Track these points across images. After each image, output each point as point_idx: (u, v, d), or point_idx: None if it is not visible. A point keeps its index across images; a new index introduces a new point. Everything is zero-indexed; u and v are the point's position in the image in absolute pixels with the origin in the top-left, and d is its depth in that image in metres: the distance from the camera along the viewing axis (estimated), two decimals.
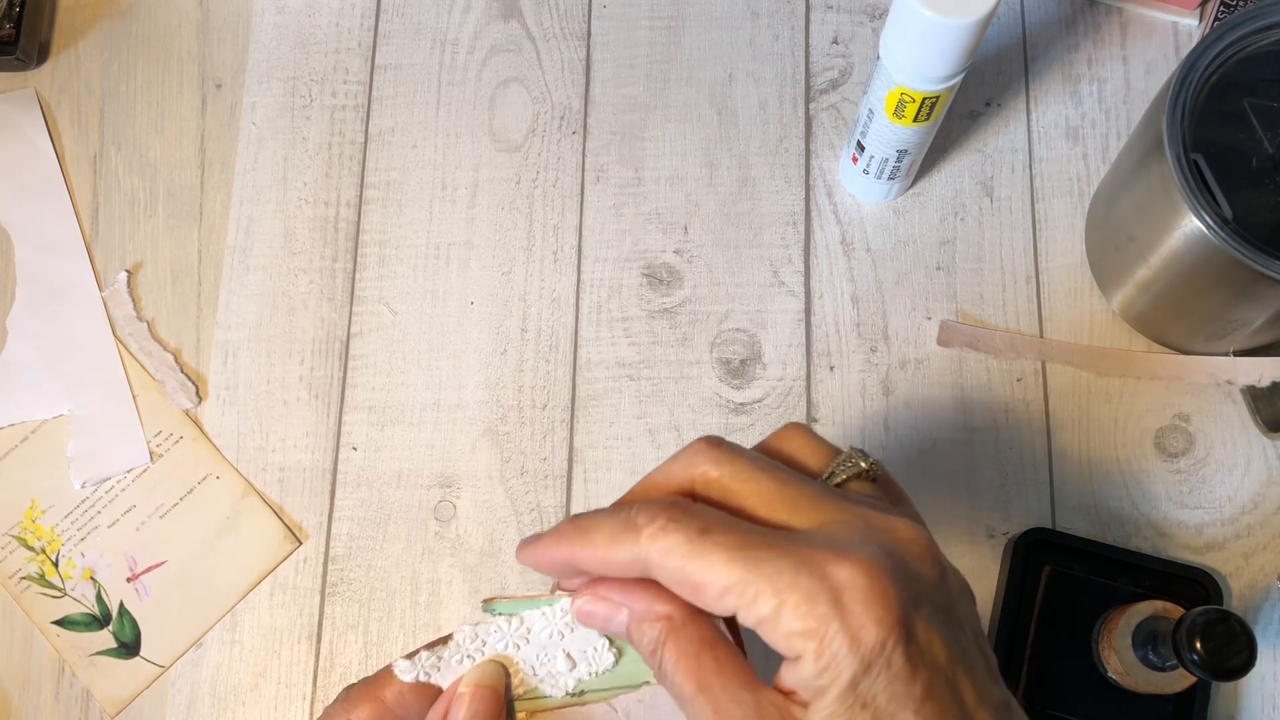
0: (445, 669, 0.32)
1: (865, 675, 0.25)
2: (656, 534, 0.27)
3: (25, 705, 0.50)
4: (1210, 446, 0.51)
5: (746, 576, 0.26)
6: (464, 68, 0.58)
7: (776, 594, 0.26)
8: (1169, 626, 0.41)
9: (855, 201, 0.55)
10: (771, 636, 0.26)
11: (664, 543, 0.27)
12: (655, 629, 0.29)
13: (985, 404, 0.52)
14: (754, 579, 0.26)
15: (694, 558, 0.27)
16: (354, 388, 0.54)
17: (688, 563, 0.27)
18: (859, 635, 0.25)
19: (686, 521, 0.27)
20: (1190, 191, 0.42)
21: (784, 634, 0.26)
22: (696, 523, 0.27)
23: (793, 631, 0.26)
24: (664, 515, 0.28)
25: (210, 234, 0.56)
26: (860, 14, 0.58)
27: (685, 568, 0.27)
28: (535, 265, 0.55)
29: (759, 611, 0.26)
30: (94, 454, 0.53)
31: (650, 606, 0.29)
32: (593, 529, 0.29)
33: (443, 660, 0.32)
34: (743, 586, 0.26)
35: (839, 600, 0.26)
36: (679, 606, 0.29)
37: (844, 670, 0.25)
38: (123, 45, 0.59)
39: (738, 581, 0.26)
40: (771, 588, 0.26)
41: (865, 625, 0.25)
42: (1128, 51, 0.57)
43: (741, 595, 0.26)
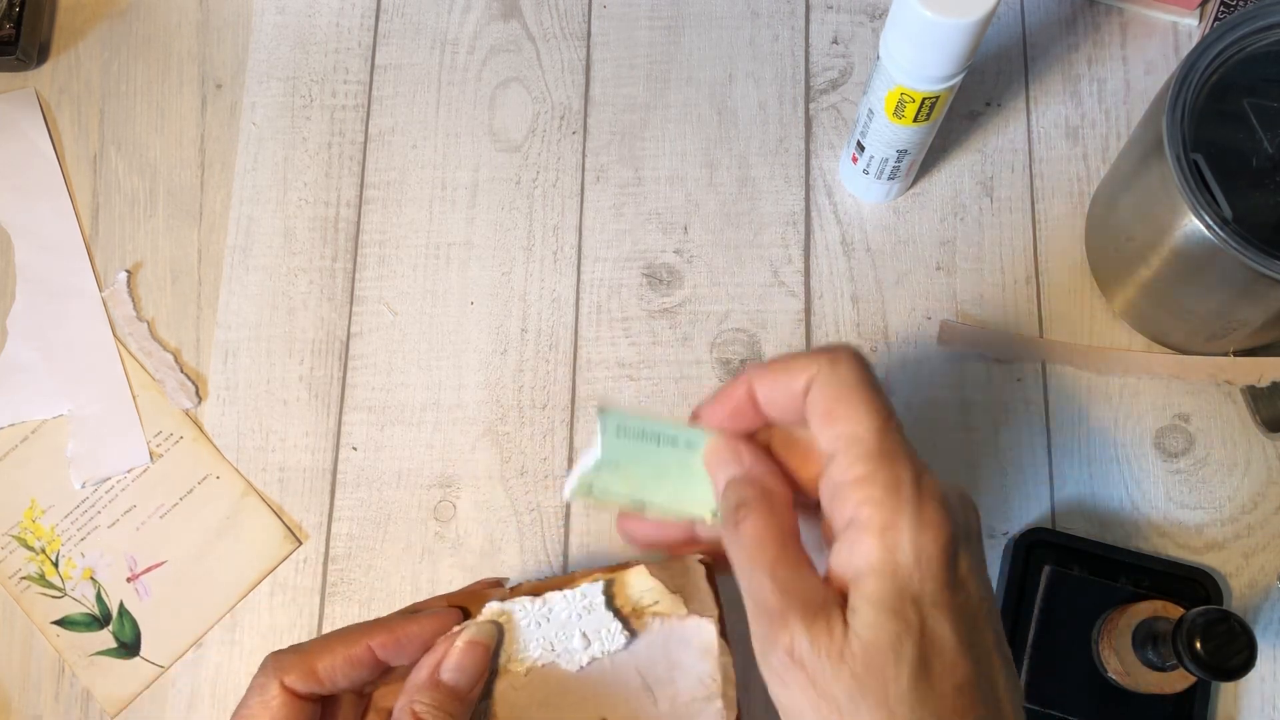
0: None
1: (915, 571, 0.28)
2: (839, 358, 0.30)
3: (25, 705, 0.50)
4: (1210, 446, 0.51)
5: (870, 435, 0.29)
6: (464, 68, 0.58)
7: (878, 461, 0.29)
8: (1169, 626, 0.41)
9: (855, 201, 0.55)
10: (848, 492, 0.29)
11: (844, 369, 0.30)
12: (753, 489, 0.31)
13: (985, 404, 0.52)
14: (874, 440, 0.29)
15: (856, 394, 0.30)
16: (354, 388, 0.54)
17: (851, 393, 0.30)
18: (921, 537, 0.28)
19: (862, 366, 0.31)
20: (1190, 191, 0.42)
21: (862, 496, 0.28)
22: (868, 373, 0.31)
23: (871, 498, 0.28)
24: (853, 350, 0.31)
25: (210, 234, 0.56)
26: (860, 14, 0.58)
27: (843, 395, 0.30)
28: (535, 265, 0.55)
29: (857, 468, 0.29)
30: (94, 454, 0.53)
31: (764, 477, 0.32)
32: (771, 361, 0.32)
33: None
34: (860, 438, 0.29)
35: (920, 503, 0.28)
36: (783, 492, 0.32)
37: (900, 556, 0.28)
38: (123, 45, 0.59)
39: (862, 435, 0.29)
40: (879, 456, 0.29)
41: (931, 533, 0.28)
42: (1128, 51, 0.57)
43: (854, 444, 0.29)
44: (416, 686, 0.33)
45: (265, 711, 0.33)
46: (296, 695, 0.33)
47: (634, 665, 0.34)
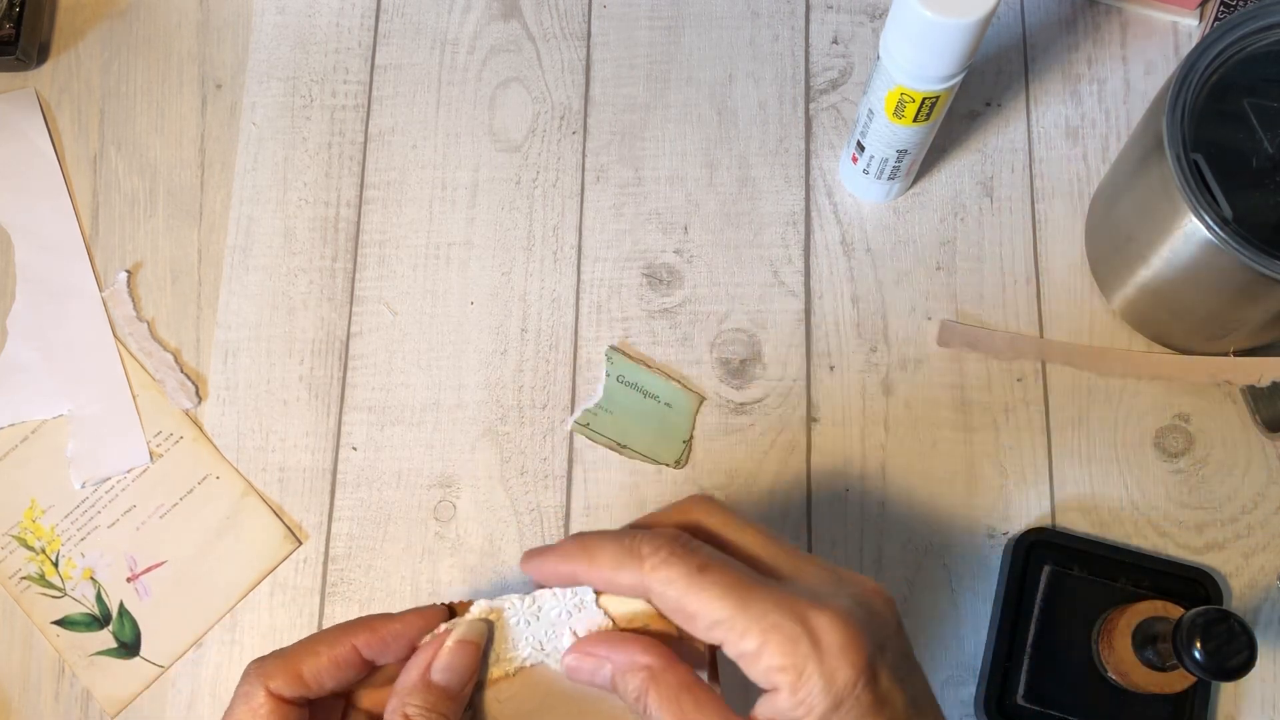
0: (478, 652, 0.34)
1: (836, 711, 0.29)
2: (659, 565, 0.30)
3: (25, 705, 0.50)
4: (1210, 446, 0.51)
5: (736, 614, 0.29)
6: (464, 68, 0.58)
7: (762, 633, 0.29)
8: (1169, 626, 0.41)
9: (855, 201, 0.55)
10: (753, 670, 0.30)
11: (665, 574, 0.30)
12: (638, 678, 0.31)
13: (985, 404, 0.52)
14: (743, 617, 0.29)
15: (691, 591, 0.30)
16: (354, 388, 0.54)
17: (685, 595, 0.30)
18: (834, 675, 0.29)
19: (687, 557, 0.30)
20: (1190, 191, 0.42)
21: (765, 668, 0.29)
22: (696, 559, 0.30)
23: (773, 666, 0.29)
24: (666, 548, 0.31)
25: (210, 234, 0.56)
26: (860, 14, 0.58)
27: (683, 599, 0.30)
28: (535, 265, 0.55)
29: (744, 646, 0.29)
30: (94, 454, 0.53)
31: (633, 659, 0.32)
32: (598, 550, 0.32)
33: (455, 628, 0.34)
34: (732, 622, 0.29)
35: (817, 643, 0.29)
36: (658, 657, 0.32)
37: (817, 704, 0.29)
38: (123, 45, 0.59)
39: (728, 617, 0.30)
40: (758, 627, 0.29)
41: (839, 667, 0.29)
42: (1128, 51, 0.57)
43: (730, 630, 0.30)
44: (407, 689, 0.33)
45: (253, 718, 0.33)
46: (283, 700, 0.33)
47: None
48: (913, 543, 0.51)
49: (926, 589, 0.50)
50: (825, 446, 0.52)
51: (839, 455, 0.52)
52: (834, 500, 0.51)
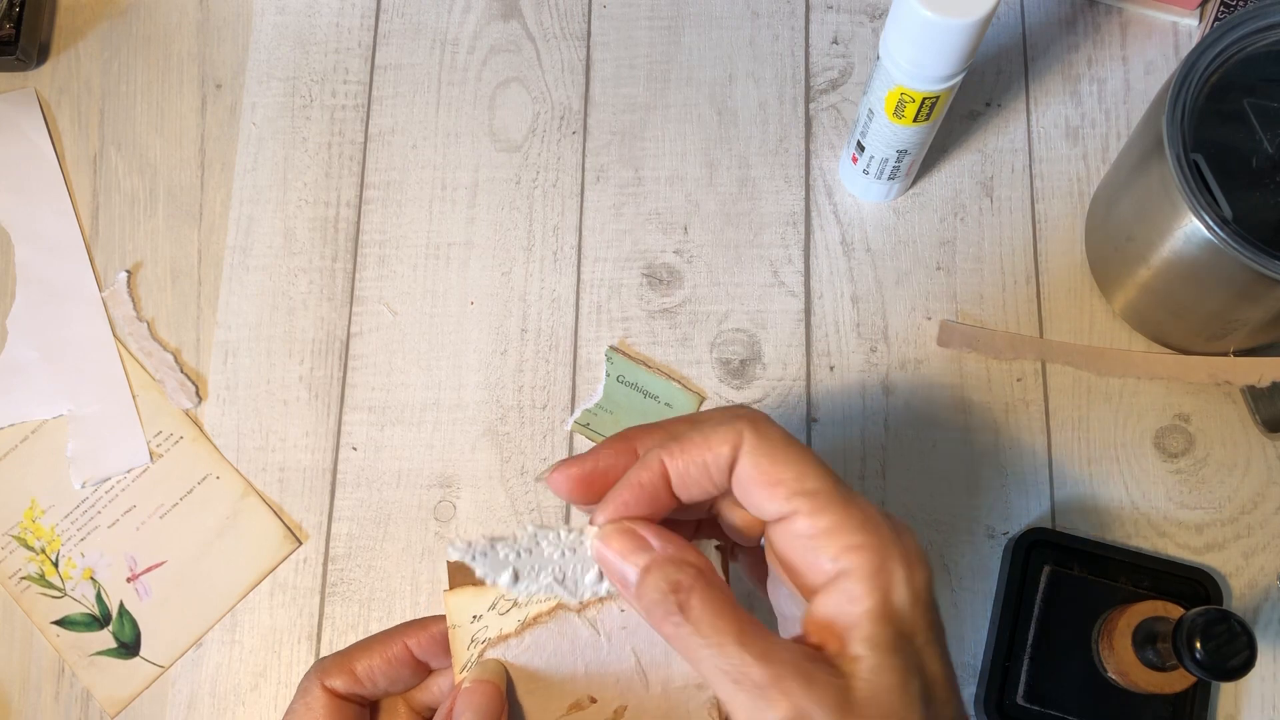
0: (492, 559, 0.32)
1: (912, 609, 0.27)
2: (763, 421, 0.29)
3: (25, 705, 0.50)
4: (1210, 446, 0.51)
5: (822, 488, 0.28)
6: (464, 68, 0.58)
7: (844, 508, 0.27)
8: (1169, 626, 0.41)
9: (855, 201, 0.55)
10: (825, 546, 0.27)
11: (767, 430, 0.29)
12: (682, 571, 0.29)
13: (985, 404, 0.52)
14: (830, 490, 0.28)
15: (789, 452, 0.28)
16: (354, 388, 0.54)
17: (782, 452, 0.28)
18: (915, 567, 0.27)
19: (781, 428, 0.29)
20: (1190, 191, 0.42)
21: (844, 545, 0.27)
22: (785, 431, 0.29)
23: (851, 544, 0.27)
24: (764, 416, 0.29)
25: (210, 234, 0.56)
26: (860, 14, 0.58)
27: (776, 456, 0.28)
28: (535, 265, 0.55)
29: (823, 521, 0.27)
30: (94, 454, 0.53)
31: (681, 553, 0.29)
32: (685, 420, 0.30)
33: (494, 549, 0.32)
34: (817, 495, 0.28)
35: (900, 534, 0.27)
36: (706, 564, 0.29)
37: (894, 594, 0.27)
38: (123, 45, 0.59)
39: (815, 489, 0.28)
40: (844, 504, 0.27)
41: (922, 561, 0.27)
42: (1128, 51, 0.57)
43: (813, 498, 0.28)
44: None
45: (309, 713, 0.33)
46: (338, 696, 0.33)
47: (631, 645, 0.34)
48: None
49: None
50: (825, 446, 0.52)
51: (839, 455, 0.52)
52: None
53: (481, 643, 0.34)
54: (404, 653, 0.34)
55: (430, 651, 0.34)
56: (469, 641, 0.34)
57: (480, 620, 0.34)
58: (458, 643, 0.34)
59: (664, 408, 0.52)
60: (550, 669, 0.34)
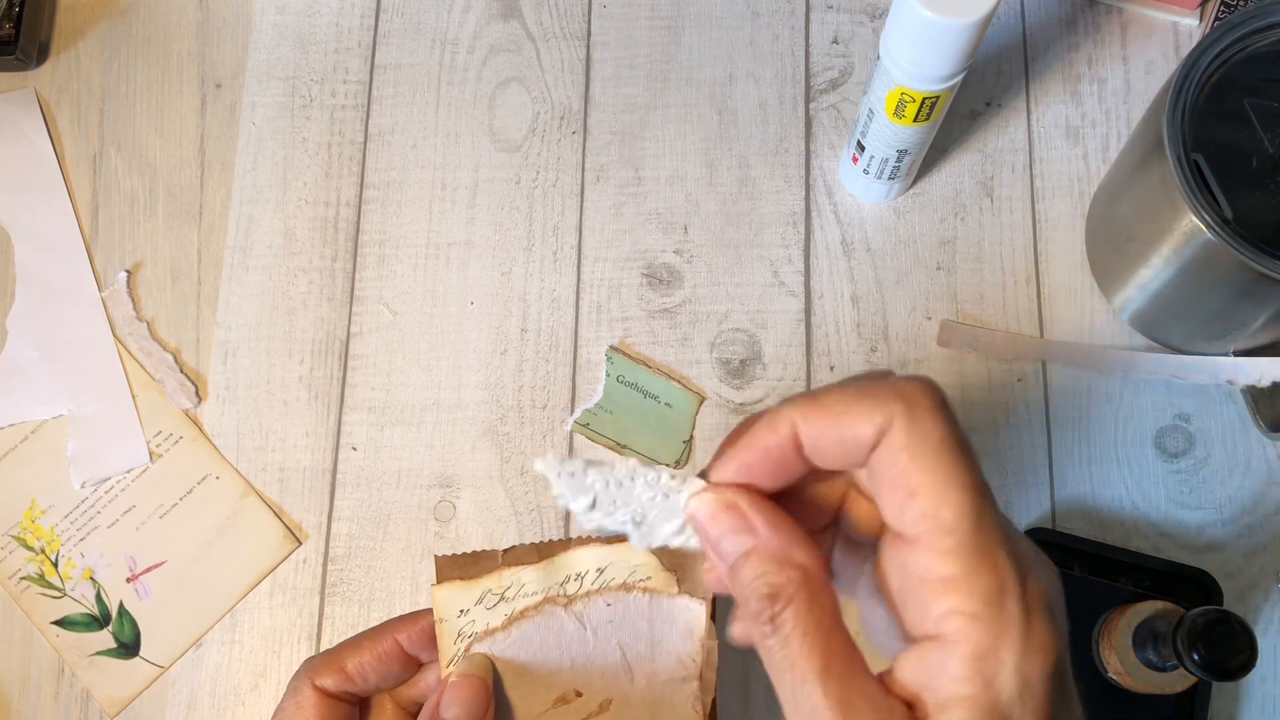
0: (578, 481, 0.29)
1: (1018, 703, 0.22)
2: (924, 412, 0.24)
3: (25, 705, 0.50)
4: (1210, 446, 0.51)
5: (961, 521, 0.23)
6: (464, 68, 0.58)
7: (975, 560, 0.22)
8: (1169, 626, 0.41)
9: (855, 201, 0.55)
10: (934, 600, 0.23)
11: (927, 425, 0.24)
12: (784, 576, 0.24)
13: (985, 404, 0.52)
14: (968, 528, 0.23)
15: (942, 459, 0.23)
16: (354, 388, 0.54)
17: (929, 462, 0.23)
18: (1035, 656, 0.22)
19: (954, 422, 0.24)
20: (1190, 191, 0.42)
21: (952, 608, 0.22)
22: (960, 431, 0.24)
23: (962, 610, 0.22)
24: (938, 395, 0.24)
25: (210, 234, 0.56)
26: (860, 14, 0.58)
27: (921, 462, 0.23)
28: (535, 265, 0.55)
29: (943, 568, 0.22)
30: (94, 454, 0.53)
31: (788, 548, 0.25)
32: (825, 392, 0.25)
33: (585, 472, 0.29)
34: (952, 527, 0.23)
35: (1029, 611, 0.22)
36: (817, 565, 0.25)
37: (1001, 687, 0.22)
38: (122, 45, 0.59)
39: (951, 519, 0.23)
40: (976, 551, 0.22)
41: (1045, 649, 0.22)
42: (1128, 51, 0.57)
43: (944, 535, 0.23)
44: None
45: (299, 713, 0.33)
46: (328, 695, 0.33)
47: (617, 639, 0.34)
48: None
49: None
50: None
51: None
52: None
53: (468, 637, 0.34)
54: (394, 648, 0.34)
55: (420, 646, 0.34)
56: (456, 636, 0.34)
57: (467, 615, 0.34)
58: (444, 637, 0.34)
59: (664, 408, 0.52)
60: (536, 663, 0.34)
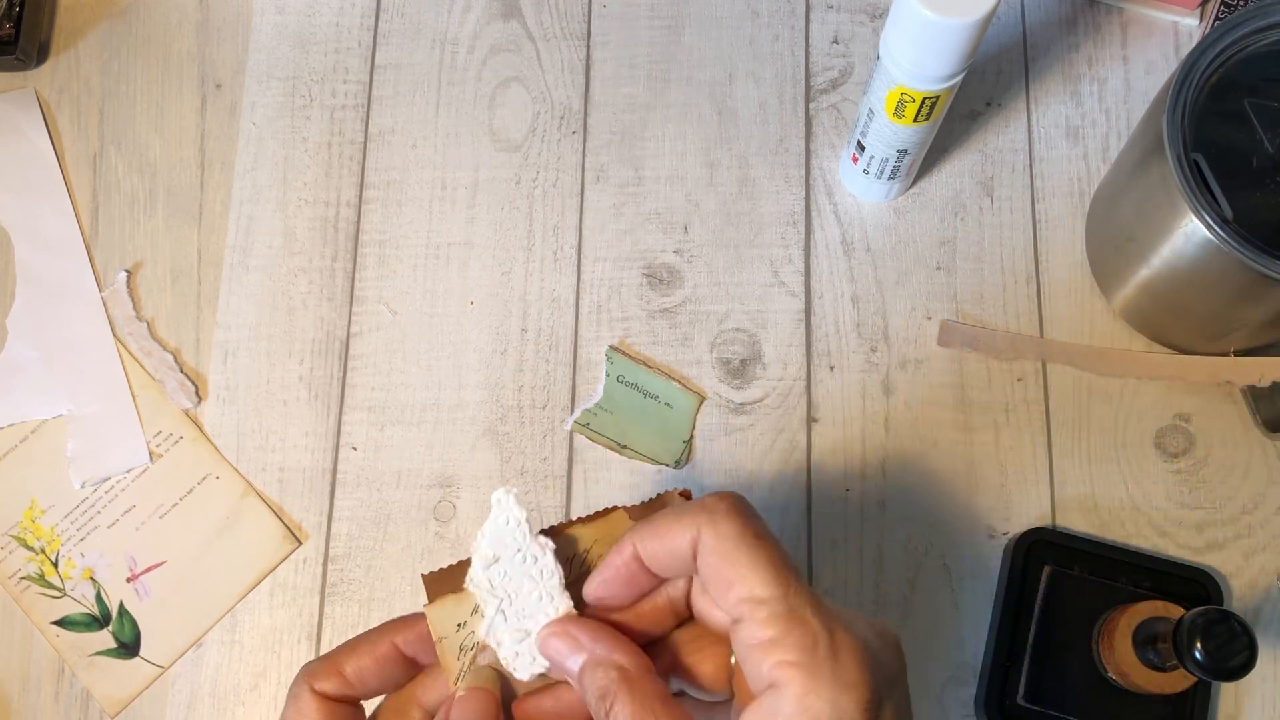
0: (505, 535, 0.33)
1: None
2: (722, 515, 0.29)
3: (25, 705, 0.50)
4: (1210, 446, 0.51)
5: (772, 594, 0.28)
6: (464, 68, 0.58)
7: (787, 623, 0.28)
8: (1169, 626, 0.41)
9: (855, 201, 0.55)
10: (761, 659, 0.28)
11: (725, 527, 0.29)
12: (608, 676, 0.30)
13: (985, 404, 0.52)
14: (777, 600, 0.28)
15: (741, 553, 0.29)
16: (354, 388, 0.54)
17: (734, 553, 0.29)
18: (840, 699, 0.27)
19: (750, 518, 0.29)
20: (1190, 191, 0.42)
21: (776, 660, 0.28)
22: (757, 524, 0.29)
23: (786, 660, 0.27)
24: (730, 499, 0.30)
25: (210, 234, 0.56)
26: (860, 14, 0.58)
27: (729, 557, 0.29)
28: (535, 265, 0.55)
29: (764, 632, 0.28)
30: (94, 454, 0.53)
31: (610, 654, 0.31)
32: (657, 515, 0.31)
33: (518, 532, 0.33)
34: (762, 601, 0.28)
35: (836, 655, 0.27)
36: (636, 659, 0.30)
37: (822, 715, 0.27)
38: (122, 45, 0.59)
39: (762, 595, 0.28)
40: (786, 617, 0.28)
41: (849, 692, 0.27)
42: (1128, 51, 0.57)
43: (758, 608, 0.28)
44: None
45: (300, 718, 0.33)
46: (328, 699, 0.33)
47: None
48: (913, 543, 0.51)
49: (926, 589, 0.50)
50: (825, 446, 0.52)
51: (839, 455, 0.52)
52: (834, 500, 0.51)
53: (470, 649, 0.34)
54: (392, 651, 0.34)
55: (418, 648, 0.34)
56: (458, 651, 0.34)
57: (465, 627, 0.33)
58: (447, 654, 0.33)
59: (664, 407, 0.52)
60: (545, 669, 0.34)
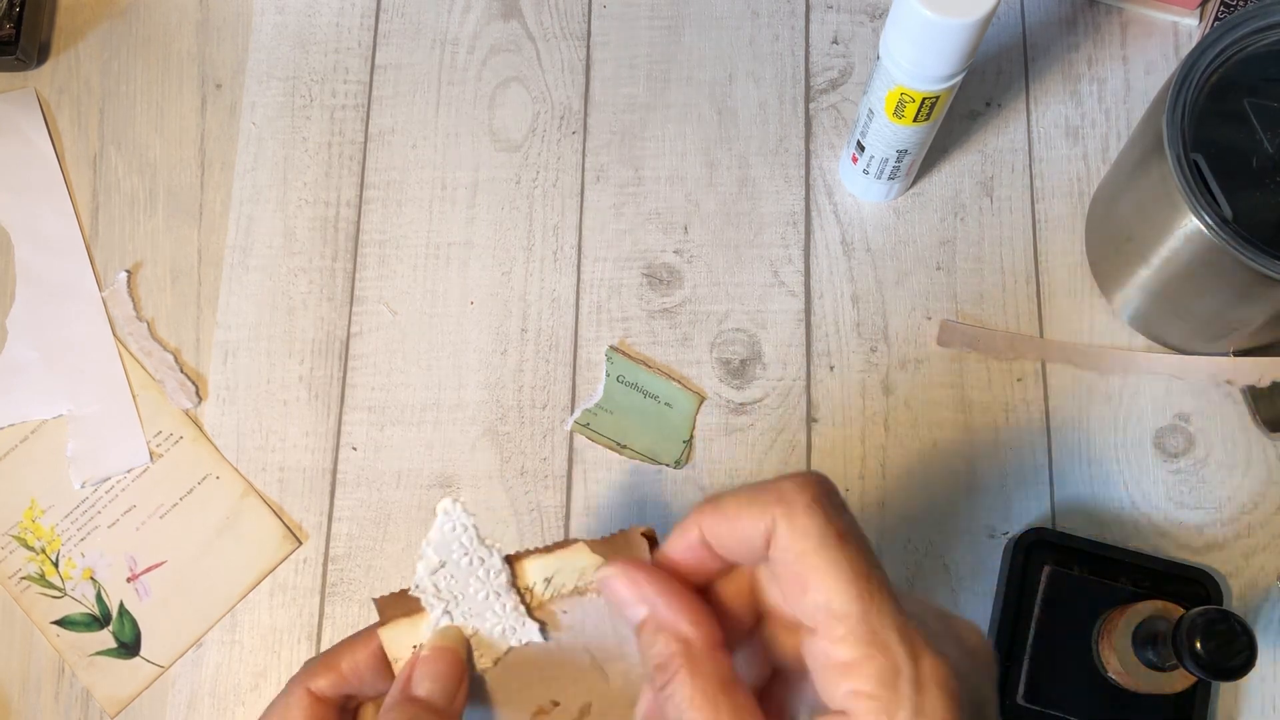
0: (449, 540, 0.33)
1: None
2: (801, 510, 0.25)
3: (25, 705, 0.50)
4: (1210, 446, 0.51)
5: (850, 610, 0.24)
6: (464, 68, 0.58)
7: (868, 645, 0.24)
8: (1169, 626, 0.41)
9: (855, 201, 0.55)
10: (830, 682, 0.25)
11: (804, 523, 0.25)
12: (669, 648, 0.27)
13: (985, 404, 0.52)
14: (856, 617, 0.24)
15: (821, 556, 0.25)
16: (354, 388, 0.54)
17: (813, 557, 0.25)
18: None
19: (834, 513, 0.25)
20: (1190, 191, 0.42)
21: (849, 689, 0.24)
22: (841, 521, 0.25)
23: (859, 690, 0.24)
24: (812, 490, 0.26)
25: (210, 234, 0.56)
26: (860, 14, 0.58)
27: (806, 560, 0.25)
28: (535, 265, 0.55)
29: (840, 652, 0.25)
30: (94, 454, 0.53)
31: (676, 621, 0.27)
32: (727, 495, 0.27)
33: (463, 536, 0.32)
34: (841, 616, 0.24)
35: (922, 691, 0.24)
36: (704, 631, 0.27)
37: None
38: (122, 45, 0.59)
39: (840, 609, 0.25)
40: (867, 638, 0.24)
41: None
42: (1128, 51, 0.57)
43: (835, 623, 0.25)
44: (389, 705, 0.31)
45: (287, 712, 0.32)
46: (320, 700, 0.33)
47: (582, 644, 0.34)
48: (913, 543, 0.51)
49: (926, 589, 0.50)
50: (825, 446, 0.52)
51: (839, 455, 0.52)
52: None
53: None
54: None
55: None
56: None
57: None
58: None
59: (664, 408, 0.52)
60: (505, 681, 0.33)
